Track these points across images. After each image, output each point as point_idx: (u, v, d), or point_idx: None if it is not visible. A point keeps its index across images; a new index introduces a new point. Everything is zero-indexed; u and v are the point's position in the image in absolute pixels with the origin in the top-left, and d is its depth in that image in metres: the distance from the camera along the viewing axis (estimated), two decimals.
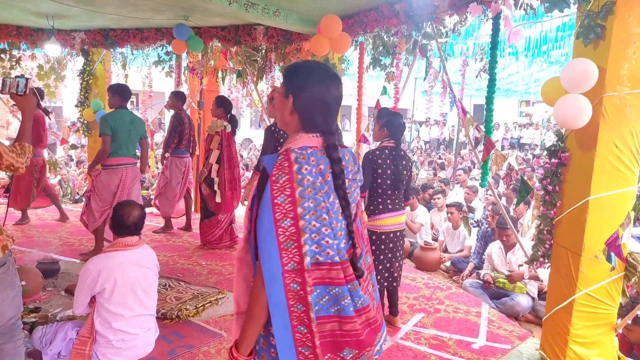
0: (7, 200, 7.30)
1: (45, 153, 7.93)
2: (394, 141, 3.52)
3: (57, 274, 4.39)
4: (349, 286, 1.41)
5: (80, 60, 7.06)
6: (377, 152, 3.47)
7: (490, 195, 6.74)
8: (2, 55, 6.84)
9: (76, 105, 7.06)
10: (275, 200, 1.33)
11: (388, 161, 3.45)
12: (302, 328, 1.36)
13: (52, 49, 6.28)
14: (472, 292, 4.63)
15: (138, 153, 5.03)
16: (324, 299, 1.39)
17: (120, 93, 4.76)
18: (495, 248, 4.95)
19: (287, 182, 1.34)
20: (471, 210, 6.99)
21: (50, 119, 4.90)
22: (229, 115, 5.40)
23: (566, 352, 2.93)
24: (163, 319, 3.56)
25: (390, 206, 3.47)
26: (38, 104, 2.60)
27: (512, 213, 6.05)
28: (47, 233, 5.94)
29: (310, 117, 1.44)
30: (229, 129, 5.34)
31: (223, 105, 5.37)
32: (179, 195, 5.99)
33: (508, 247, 4.78)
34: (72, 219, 6.60)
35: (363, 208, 3.41)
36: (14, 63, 6.88)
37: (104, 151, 4.60)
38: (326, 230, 1.36)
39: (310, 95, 1.42)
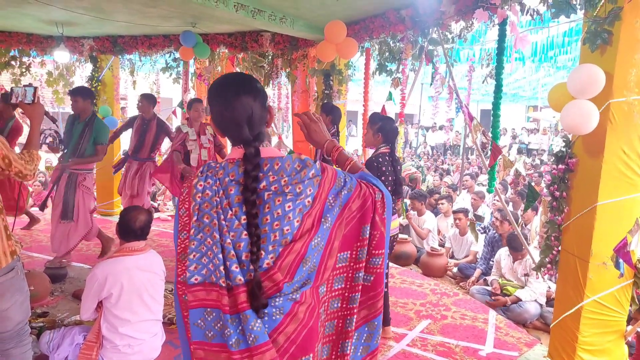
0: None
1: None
2: (389, 146, 3.48)
3: (64, 279, 4.42)
4: (236, 316, 1.23)
5: (88, 67, 7.13)
6: (380, 159, 3.42)
7: (497, 201, 6.71)
8: (13, 62, 6.93)
9: None
10: (179, 212, 1.36)
11: (390, 167, 3.43)
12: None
13: (61, 55, 6.35)
14: (479, 299, 4.60)
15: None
16: (202, 322, 1.29)
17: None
18: (504, 254, 4.92)
19: (187, 196, 1.34)
20: (479, 218, 6.96)
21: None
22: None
23: None
24: (170, 324, 3.57)
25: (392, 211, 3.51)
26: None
27: (519, 219, 6.02)
28: None
29: (226, 132, 1.38)
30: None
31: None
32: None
33: (516, 255, 4.75)
34: None
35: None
36: (24, 70, 6.97)
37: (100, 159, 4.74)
38: (216, 248, 1.26)
39: (215, 112, 1.37)
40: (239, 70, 6.92)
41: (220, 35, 6.15)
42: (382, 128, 3.47)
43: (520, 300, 4.42)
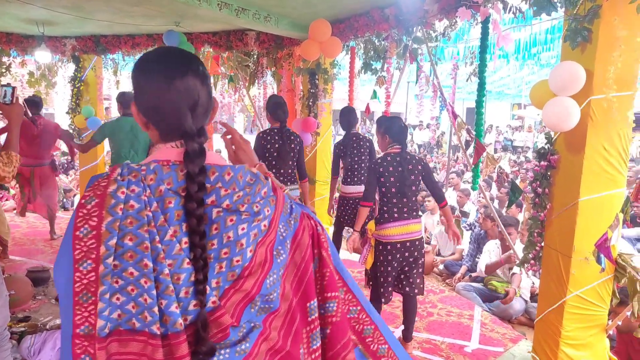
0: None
1: None
2: (399, 146, 3.34)
3: (47, 282, 4.35)
4: None
5: (71, 67, 7.03)
6: (379, 161, 3.32)
7: (482, 198, 6.76)
8: None
9: (67, 112, 7.03)
10: (77, 233, 0.94)
11: (391, 168, 3.27)
12: None
13: (43, 55, 6.26)
14: (465, 295, 4.63)
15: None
16: None
17: (121, 100, 4.71)
18: (492, 247, 4.98)
19: (96, 209, 0.95)
20: (464, 214, 7.01)
21: (37, 127, 4.83)
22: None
23: (558, 354, 2.94)
24: None
25: (396, 215, 3.25)
26: (25, 113, 2.58)
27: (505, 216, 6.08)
28: (39, 241, 5.89)
29: (159, 121, 1.05)
30: None
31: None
32: None
33: (505, 248, 4.81)
34: (64, 225, 6.56)
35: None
36: (4, 70, 6.84)
37: (83, 149, 4.86)
38: (146, 282, 0.92)
39: (148, 93, 1.04)
40: (223, 70, 6.88)
41: (205, 34, 6.11)
42: (387, 129, 3.41)
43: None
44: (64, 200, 8.01)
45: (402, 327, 3.43)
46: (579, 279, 2.84)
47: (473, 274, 5.10)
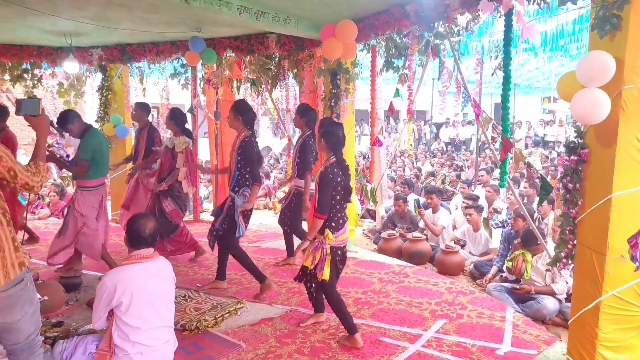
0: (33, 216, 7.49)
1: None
2: (336, 155, 3.39)
3: (79, 288, 4.45)
4: None
5: (98, 76, 7.20)
6: (329, 170, 3.30)
7: (511, 195, 6.58)
8: (25, 75, 7.03)
9: (96, 121, 7.21)
10: None
11: (339, 178, 3.34)
12: None
13: (70, 66, 6.43)
14: (496, 296, 4.50)
15: None
16: None
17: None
18: None
19: None
20: (496, 211, 6.84)
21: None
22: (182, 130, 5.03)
23: (595, 357, 2.81)
24: (182, 330, 3.57)
25: (344, 220, 3.43)
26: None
27: (536, 213, 5.90)
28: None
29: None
30: (191, 145, 5.04)
31: (174, 119, 4.98)
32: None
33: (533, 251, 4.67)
34: None
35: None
36: (35, 82, 7.07)
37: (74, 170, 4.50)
38: None
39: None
40: (246, 74, 6.91)
41: (226, 39, 6.16)
42: (325, 134, 3.38)
43: (555, 293, 4.34)
44: None
45: (431, 328, 3.35)
46: (615, 278, 2.72)
47: (504, 274, 4.96)
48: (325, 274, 3.26)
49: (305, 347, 3.39)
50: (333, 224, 3.31)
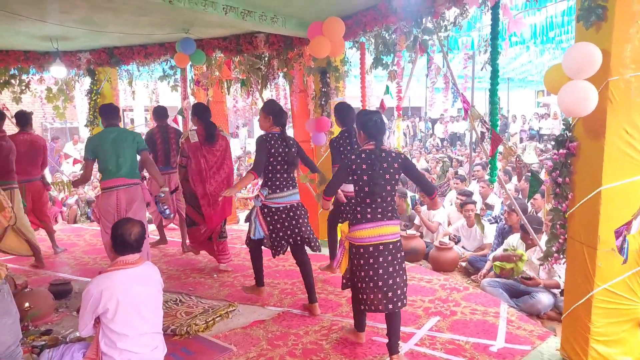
0: None
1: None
2: (374, 142, 3.03)
3: (69, 295, 4.40)
4: None
5: (87, 80, 7.14)
6: (353, 157, 3.04)
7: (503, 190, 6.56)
8: (12, 81, 6.96)
9: (86, 125, 7.15)
10: None
11: (364, 166, 2.97)
12: None
13: (58, 70, 6.36)
14: (490, 292, 4.47)
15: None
16: None
17: (102, 114, 4.44)
18: (515, 240, 4.82)
19: None
20: (489, 207, 6.81)
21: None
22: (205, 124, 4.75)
23: (588, 352, 2.79)
24: (173, 335, 3.52)
25: (369, 216, 2.99)
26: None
27: (529, 208, 5.87)
28: (62, 253, 5.99)
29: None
30: (195, 139, 4.69)
31: (197, 114, 4.78)
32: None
33: (529, 245, 4.65)
34: (88, 237, 6.67)
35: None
36: (23, 87, 7.00)
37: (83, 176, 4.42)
38: None
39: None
40: (236, 74, 6.85)
41: (215, 39, 6.10)
42: (362, 125, 3.11)
43: (560, 286, 4.31)
44: (88, 210, 8.14)
45: (424, 327, 3.29)
46: (607, 272, 2.69)
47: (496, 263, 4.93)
48: (342, 267, 3.22)
49: (297, 349, 3.35)
50: (351, 217, 3.08)
